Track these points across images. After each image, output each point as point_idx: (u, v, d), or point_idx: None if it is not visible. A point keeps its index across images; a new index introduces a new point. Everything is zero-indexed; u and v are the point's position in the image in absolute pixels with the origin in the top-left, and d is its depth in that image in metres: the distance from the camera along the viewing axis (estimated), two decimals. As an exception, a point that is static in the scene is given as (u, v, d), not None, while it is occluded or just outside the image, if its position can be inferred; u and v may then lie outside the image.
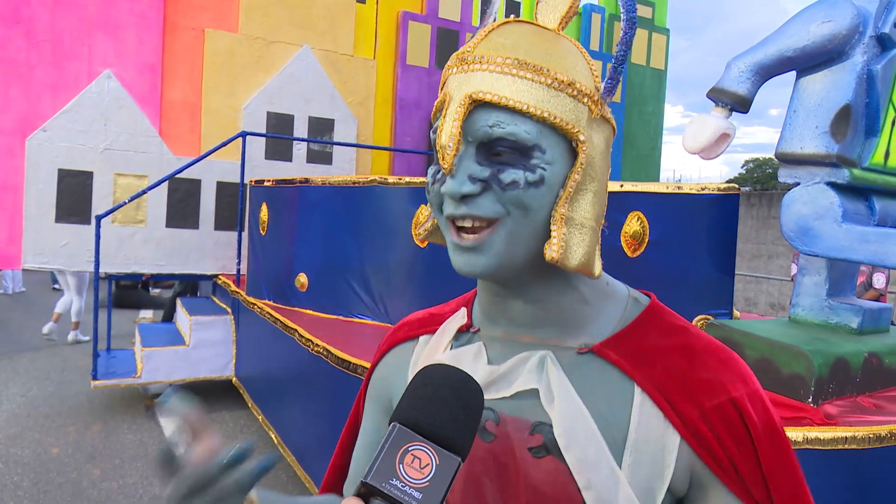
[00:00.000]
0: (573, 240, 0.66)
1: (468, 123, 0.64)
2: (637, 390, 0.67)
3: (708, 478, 0.65)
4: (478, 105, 0.64)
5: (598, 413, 0.66)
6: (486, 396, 0.69)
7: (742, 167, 35.86)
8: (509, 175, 0.63)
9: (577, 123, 0.65)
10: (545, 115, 0.63)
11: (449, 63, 0.70)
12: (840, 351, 2.22)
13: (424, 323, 0.86)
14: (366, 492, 0.50)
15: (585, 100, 0.66)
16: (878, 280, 5.51)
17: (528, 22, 0.69)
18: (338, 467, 0.96)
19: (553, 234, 0.65)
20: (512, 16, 0.76)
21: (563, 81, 0.64)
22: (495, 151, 0.64)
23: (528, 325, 0.72)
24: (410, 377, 0.80)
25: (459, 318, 0.81)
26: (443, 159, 0.65)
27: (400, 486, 0.50)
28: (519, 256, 0.66)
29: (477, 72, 0.65)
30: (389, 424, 0.54)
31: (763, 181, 30.27)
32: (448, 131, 0.64)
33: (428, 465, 0.51)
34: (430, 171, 0.70)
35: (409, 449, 0.52)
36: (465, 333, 0.79)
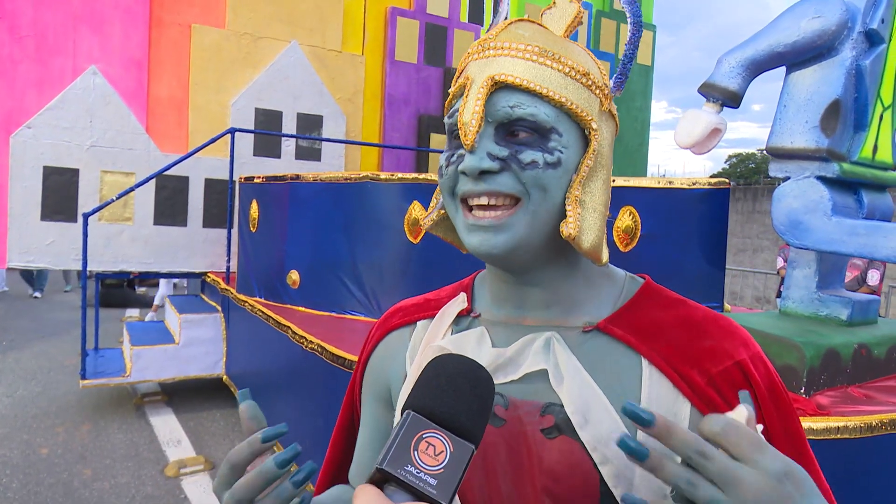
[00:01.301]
0: (586, 221, 0.68)
1: (489, 104, 0.66)
2: (644, 363, 0.68)
3: None
4: (498, 88, 0.66)
5: (608, 388, 0.67)
6: (494, 381, 0.71)
7: (725, 162, 36.20)
8: (528, 155, 0.65)
9: (590, 112, 0.68)
10: (563, 100, 0.66)
11: (469, 51, 0.71)
12: (831, 342, 2.26)
13: (421, 308, 0.86)
14: (380, 478, 0.50)
15: (598, 91, 0.69)
16: (873, 277, 5.50)
17: (539, 24, 0.72)
18: (333, 463, 0.95)
19: (569, 212, 0.66)
20: (527, 15, 0.79)
21: (579, 71, 0.67)
22: (513, 133, 0.66)
23: (534, 308, 0.74)
24: (408, 362, 0.81)
25: (459, 303, 0.81)
26: (465, 136, 0.66)
27: (415, 472, 0.50)
28: (536, 237, 0.68)
29: (499, 56, 0.67)
30: (403, 412, 0.54)
31: (746, 176, 30.57)
32: (471, 109, 0.66)
33: (442, 452, 0.51)
34: (443, 156, 0.71)
35: (424, 436, 0.52)
36: (464, 318, 0.80)
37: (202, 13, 5.53)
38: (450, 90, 0.72)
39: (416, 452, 0.51)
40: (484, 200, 0.66)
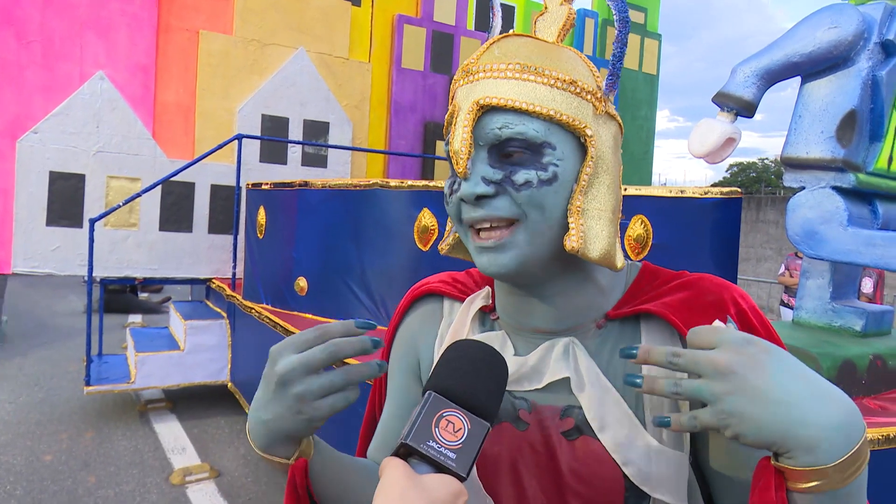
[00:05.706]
0: (591, 230, 0.68)
1: (478, 128, 0.67)
2: (641, 324, 0.72)
3: None
4: (486, 111, 0.67)
5: (622, 376, 0.70)
6: (518, 388, 0.74)
7: (727, 171, 36.25)
8: (522, 175, 0.66)
9: (583, 119, 0.67)
10: (551, 112, 0.66)
11: (455, 77, 0.72)
12: (846, 353, 2.24)
13: (447, 283, 0.88)
14: (405, 452, 0.55)
15: (589, 97, 0.69)
16: (866, 285, 5.53)
17: (527, 35, 0.72)
18: (367, 439, 0.97)
19: (571, 225, 0.67)
20: (511, 30, 0.80)
21: (564, 80, 0.67)
22: (506, 153, 0.67)
23: (547, 320, 0.75)
24: (437, 349, 0.84)
25: (484, 297, 0.83)
26: (456, 164, 0.67)
27: (436, 447, 0.55)
28: (541, 253, 0.68)
29: (482, 80, 0.68)
30: (424, 393, 0.59)
31: (748, 185, 30.60)
32: (459, 137, 0.67)
33: (461, 429, 0.56)
34: (447, 183, 0.72)
35: (444, 414, 0.56)
36: (486, 317, 0.82)
37: (210, 20, 5.54)
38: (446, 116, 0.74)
39: (437, 429, 0.56)
40: (486, 225, 0.68)
